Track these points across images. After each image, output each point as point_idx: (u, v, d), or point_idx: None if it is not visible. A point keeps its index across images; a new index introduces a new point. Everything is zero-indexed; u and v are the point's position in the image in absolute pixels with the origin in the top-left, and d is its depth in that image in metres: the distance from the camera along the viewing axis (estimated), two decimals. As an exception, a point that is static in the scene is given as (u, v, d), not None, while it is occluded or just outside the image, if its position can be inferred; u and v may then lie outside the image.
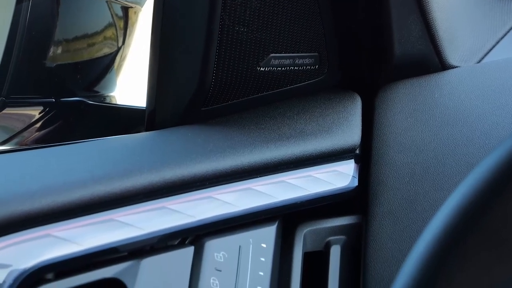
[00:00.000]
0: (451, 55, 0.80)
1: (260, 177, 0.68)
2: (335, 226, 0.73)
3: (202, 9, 0.67)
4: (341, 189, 0.72)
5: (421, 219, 0.69)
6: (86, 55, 1.10)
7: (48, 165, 0.63)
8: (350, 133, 0.74)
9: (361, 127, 0.75)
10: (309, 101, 0.77)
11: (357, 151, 0.75)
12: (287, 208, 0.69)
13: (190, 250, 0.65)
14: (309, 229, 0.73)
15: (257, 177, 0.68)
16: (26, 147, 1.05)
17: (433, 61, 0.79)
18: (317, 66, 0.76)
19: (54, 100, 1.06)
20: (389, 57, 0.76)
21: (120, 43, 1.15)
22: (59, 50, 1.06)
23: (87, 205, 0.59)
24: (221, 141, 0.69)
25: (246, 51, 0.70)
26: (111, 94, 1.18)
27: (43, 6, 1.02)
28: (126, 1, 1.14)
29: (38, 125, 1.06)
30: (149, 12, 0.85)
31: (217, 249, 0.66)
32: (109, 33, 1.13)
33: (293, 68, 0.74)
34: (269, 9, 0.69)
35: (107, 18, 1.12)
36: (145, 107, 0.75)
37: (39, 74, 1.05)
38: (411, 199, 0.70)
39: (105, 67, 1.15)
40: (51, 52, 1.04)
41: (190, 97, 0.71)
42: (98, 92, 1.16)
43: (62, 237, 0.57)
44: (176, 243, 0.65)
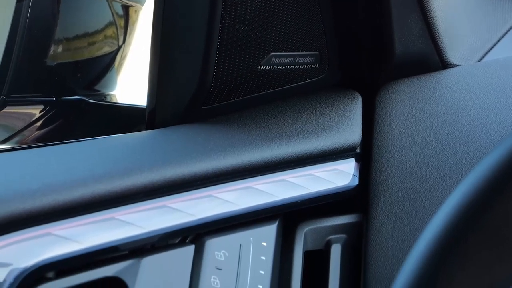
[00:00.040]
0: (452, 54, 0.80)
1: (260, 175, 0.68)
2: (336, 224, 0.73)
3: (202, 8, 0.67)
4: (342, 187, 0.72)
5: (421, 217, 0.69)
6: (86, 54, 1.10)
7: (48, 163, 0.63)
8: (350, 131, 0.74)
9: (361, 126, 0.75)
10: (309, 99, 0.77)
11: (358, 150, 0.75)
12: (287, 206, 0.69)
13: (190, 248, 0.65)
14: (309, 227, 0.73)
15: (258, 176, 0.68)
16: (26, 145, 1.05)
17: (433, 60, 0.79)
18: (317, 65, 0.76)
19: (54, 98, 1.06)
20: (390, 56, 0.76)
21: (120, 42, 1.15)
22: (60, 48, 1.06)
23: (88, 204, 0.59)
24: (222, 140, 0.69)
25: (246, 50, 0.70)
26: (112, 93, 1.18)
27: (43, 4, 1.02)
28: (126, -1, 1.14)
29: (38, 123, 1.06)
30: (150, 10, 0.85)
31: (218, 248, 0.66)
32: (110, 31, 1.13)
33: (293, 67, 0.74)
34: (270, 7, 0.69)
35: (107, 16, 1.12)
36: (146, 106, 0.75)
37: (39, 72, 1.05)
38: (412, 198, 0.70)
39: (105, 66, 1.15)
40: (52, 50, 1.04)
41: (190, 96, 0.71)
42: (98, 91, 1.16)
43: (62, 236, 0.57)
44: (176, 241, 0.65)
